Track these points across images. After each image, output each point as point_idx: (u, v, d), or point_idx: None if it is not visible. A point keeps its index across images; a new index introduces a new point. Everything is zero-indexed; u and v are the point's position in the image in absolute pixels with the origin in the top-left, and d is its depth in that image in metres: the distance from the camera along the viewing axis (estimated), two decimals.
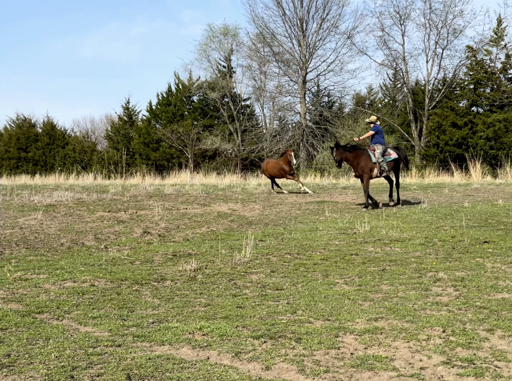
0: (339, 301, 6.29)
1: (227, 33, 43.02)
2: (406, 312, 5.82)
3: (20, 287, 6.87)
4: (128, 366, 4.46)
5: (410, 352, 4.82)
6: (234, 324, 5.47)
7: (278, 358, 4.68)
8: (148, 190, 19.22)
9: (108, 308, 6.11)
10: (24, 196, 16.46)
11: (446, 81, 39.20)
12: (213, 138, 40.66)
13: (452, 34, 38.66)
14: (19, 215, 13.35)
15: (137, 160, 42.37)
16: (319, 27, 40.74)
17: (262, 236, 10.80)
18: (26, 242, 10.61)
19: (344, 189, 19.92)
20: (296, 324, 5.49)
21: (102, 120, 56.63)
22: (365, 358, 4.68)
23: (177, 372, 4.37)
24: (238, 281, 7.33)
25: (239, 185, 22.72)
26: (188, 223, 13.11)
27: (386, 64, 40.98)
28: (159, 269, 7.97)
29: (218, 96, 42.23)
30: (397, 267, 7.90)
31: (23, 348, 4.87)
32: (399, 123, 40.00)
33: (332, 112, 41.75)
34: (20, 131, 48.00)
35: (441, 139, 35.30)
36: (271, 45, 41.61)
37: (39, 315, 5.83)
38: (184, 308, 6.11)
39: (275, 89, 43.04)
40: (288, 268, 8.03)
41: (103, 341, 5.04)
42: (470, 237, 9.90)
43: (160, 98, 44.90)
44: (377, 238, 10.17)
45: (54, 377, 4.25)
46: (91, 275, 7.41)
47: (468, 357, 4.67)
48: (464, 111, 35.89)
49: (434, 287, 6.85)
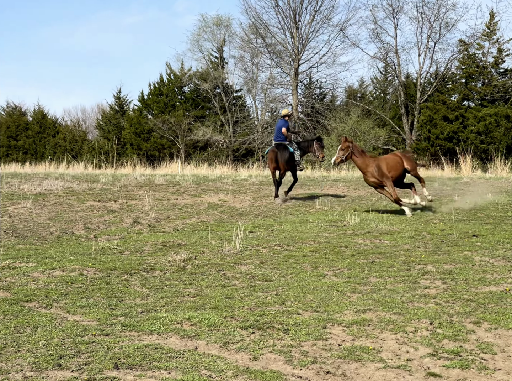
0: (327, 293, 6.31)
1: (220, 24, 42.84)
2: (394, 304, 5.85)
3: (8, 275, 6.85)
4: (116, 355, 4.47)
5: (397, 344, 4.85)
6: (222, 314, 5.49)
7: (266, 349, 4.70)
8: (138, 180, 19.17)
9: (96, 297, 6.10)
10: (13, 184, 16.37)
11: (438, 75, 39.29)
12: (205, 129, 40.56)
13: (445, 28, 38.73)
14: (8, 203, 13.29)
15: (128, 150, 42.23)
16: (312, 19, 40.65)
17: (252, 227, 10.81)
18: (15, 230, 10.56)
19: (335, 182, 19.95)
20: (284, 315, 5.51)
21: (93, 110, 56.40)
22: (352, 349, 4.70)
23: (165, 361, 4.38)
24: (228, 272, 7.34)
25: (230, 176, 22.70)
26: (178, 214, 13.09)
27: (378, 57, 41.02)
28: (149, 259, 7.96)
29: (210, 87, 42.10)
30: (386, 260, 7.93)
31: (11, 336, 4.86)
32: (390, 116, 40.08)
33: (324, 105, 41.72)
34: (10, 119, 47.66)
35: (432, 133, 35.41)
36: (263, 36, 41.48)
37: (27, 303, 5.81)
38: (173, 298, 6.11)
39: (267, 81, 42.96)
40: (277, 260, 8.05)
41: (91, 330, 5.04)
42: (459, 230, 9.96)
43: (152, 88, 44.70)
44: (366, 230, 10.21)
45: (42, 365, 4.25)
46: (80, 264, 7.40)
47: (455, 349, 4.71)
48: (456, 105, 35.99)
49: (423, 279, 6.89)
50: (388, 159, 12.64)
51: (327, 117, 39.82)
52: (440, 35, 38.77)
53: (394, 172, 12.44)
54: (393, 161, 12.59)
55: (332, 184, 18.99)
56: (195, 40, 42.97)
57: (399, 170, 12.55)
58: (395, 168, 12.48)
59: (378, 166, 12.35)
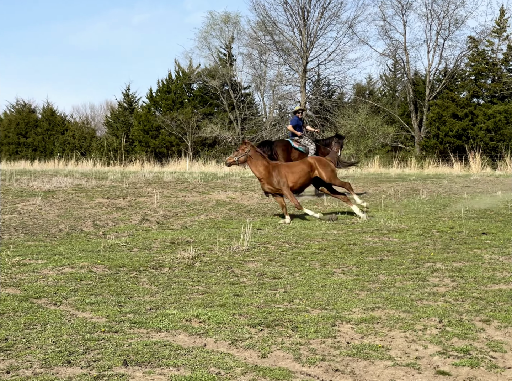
0: (336, 290, 6.30)
1: (228, 21, 42.85)
2: (403, 302, 5.83)
3: (18, 272, 6.88)
4: (125, 352, 4.48)
5: (406, 342, 4.84)
6: (231, 311, 5.49)
7: (275, 346, 4.70)
8: (147, 177, 19.20)
9: (105, 294, 6.12)
10: (23, 181, 16.44)
11: (447, 72, 39.11)
12: (213, 126, 40.59)
13: (454, 25, 38.57)
14: (18, 200, 13.34)
15: (137, 147, 42.32)
16: (321, 16, 40.58)
17: (261, 224, 10.80)
18: (25, 227, 10.61)
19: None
20: (293, 312, 5.51)
21: (102, 107, 56.54)
22: (361, 347, 4.69)
23: (174, 358, 4.39)
24: (236, 269, 7.35)
25: (238, 174, 22.70)
26: (186, 211, 13.11)
27: (387, 54, 40.89)
28: (157, 256, 7.97)
29: (218, 84, 42.11)
30: (395, 257, 7.91)
31: (21, 332, 4.88)
32: (399, 113, 39.95)
33: (332, 102, 41.64)
34: (19, 117, 47.88)
35: (441, 130, 35.27)
36: (272, 33, 41.45)
37: (37, 300, 5.84)
38: (182, 295, 6.12)
39: (275, 78, 42.93)
40: (286, 257, 8.05)
41: (101, 326, 5.05)
42: (469, 228, 9.91)
43: (160, 86, 44.77)
44: (375, 228, 10.18)
45: (51, 362, 4.27)
46: (89, 261, 7.42)
47: (464, 348, 4.69)
48: (465, 102, 35.83)
49: (432, 277, 6.86)
50: (292, 166, 11.92)
51: (335, 115, 39.74)
52: (449, 32, 38.65)
53: (296, 180, 11.63)
54: (298, 168, 11.81)
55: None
56: (203, 37, 43.03)
57: (304, 179, 11.73)
58: (298, 175, 11.69)
59: (277, 173, 11.63)
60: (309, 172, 11.80)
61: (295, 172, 11.75)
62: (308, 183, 12.05)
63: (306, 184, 12.04)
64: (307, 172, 11.78)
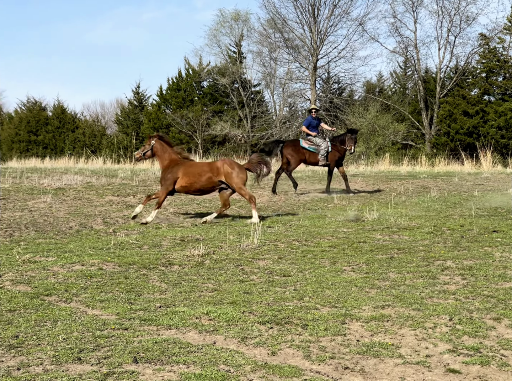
0: (346, 288, 6.29)
1: (238, 19, 42.79)
2: (413, 300, 5.81)
3: (29, 269, 6.92)
4: (135, 349, 4.49)
5: (416, 340, 4.82)
6: (241, 309, 5.49)
7: (284, 344, 4.70)
8: (157, 175, 19.22)
9: (115, 291, 6.14)
10: (33, 179, 16.53)
11: (458, 69, 38.88)
12: (223, 124, 40.59)
13: (465, 22, 38.31)
14: (28, 198, 13.42)
15: None
16: (331, 13, 40.44)
17: (270, 222, 10.80)
18: (35, 224, 10.67)
19: (353, 176, 19.85)
20: (302, 310, 5.51)
21: (112, 105, 56.65)
22: (371, 345, 4.68)
23: (184, 356, 4.40)
24: (246, 267, 7.35)
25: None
26: (196, 208, 13.13)
27: (398, 51, 40.71)
28: (167, 254, 7.99)
29: (228, 82, 42.09)
30: (405, 255, 7.88)
31: (31, 329, 4.91)
32: (409, 111, 39.76)
33: (342, 99, 41.52)
34: (30, 115, 48.08)
35: (452, 128, 35.09)
36: (282, 31, 41.35)
37: (47, 297, 5.87)
38: (191, 293, 6.13)
39: (285, 76, 42.86)
40: (295, 255, 8.04)
41: (111, 324, 5.07)
42: (479, 226, 9.86)
43: (170, 83, 44.80)
44: (385, 225, 10.15)
45: (62, 359, 4.29)
46: (99, 259, 7.45)
47: (475, 346, 4.66)
48: (476, 100, 35.63)
49: (442, 275, 6.83)
50: (195, 167, 11.23)
51: (345, 112, 39.62)
52: (460, 29, 38.40)
53: (192, 181, 11.03)
54: (198, 170, 11.09)
55: (351, 180, 18.88)
56: (213, 35, 42.98)
57: (204, 182, 11.03)
58: (195, 177, 11.02)
59: (173, 170, 11.09)
60: (212, 177, 11.04)
61: (194, 174, 11.05)
62: (211, 188, 11.21)
63: (208, 188, 11.22)
64: (208, 176, 11.02)
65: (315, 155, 15.61)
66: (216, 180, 11.08)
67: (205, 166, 11.29)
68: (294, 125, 41.07)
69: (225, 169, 11.04)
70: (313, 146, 15.58)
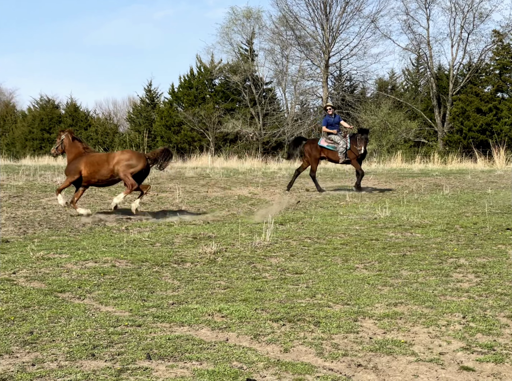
0: (358, 286, 6.28)
1: (250, 16, 42.79)
2: (426, 297, 5.79)
3: (42, 266, 6.97)
4: (148, 345, 4.51)
5: (430, 337, 4.80)
6: (253, 306, 5.50)
7: (297, 341, 4.70)
8: (169, 173, 19.30)
9: (128, 288, 6.17)
10: (47, 177, 16.64)
11: (471, 66, 38.64)
12: (235, 122, 40.61)
13: (478, 18, 38.07)
14: (42, 195, 13.51)
15: (159, 143, 42.49)
16: (343, 11, 40.35)
17: (282, 220, 10.80)
18: (49, 222, 10.74)
19: (365, 174, 19.79)
20: (315, 307, 5.50)
21: (124, 103, 56.93)
22: (384, 343, 4.67)
23: (197, 352, 4.41)
24: (258, 264, 7.36)
25: (260, 169, 22.71)
26: (208, 206, 13.16)
27: (410, 48, 40.54)
28: (179, 251, 8.02)
29: (239, 79, 42.09)
30: (418, 253, 7.86)
31: (46, 326, 4.95)
32: (422, 108, 39.57)
33: (354, 97, 41.40)
34: (43, 113, 48.37)
35: (465, 125, 34.89)
36: (293, 28, 41.32)
37: (61, 294, 5.91)
38: (204, 290, 6.15)
39: (297, 73, 42.80)
40: (307, 252, 8.03)
41: (124, 320, 5.10)
42: (493, 224, 9.80)
43: (182, 81, 44.89)
44: (397, 223, 10.12)
45: (76, 355, 4.32)
46: (112, 256, 7.48)
47: (488, 343, 4.64)
48: (489, 97, 35.39)
49: (455, 273, 6.80)
50: (95, 158, 11.38)
51: (357, 110, 39.51)
52: (473, 26, 38.17)
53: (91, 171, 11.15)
54: (97, 160, 11.27)
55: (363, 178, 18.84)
56: (225, 33, 43.02)
57: (103, 172, 11.15)
58: (94, 166, 11.18)
59: (76, 162, 11.31)
60: (109, 166, 11.11)
61: (93, 164, 11.20)
62: (110, 177, 11.24)
63: (108, 178, 11.28)
64: (106, 167, 11.14)
65: (335, 153, 15.62)
66: (113, 169, 11.16)
67: (104, 156, 11.50)
68: (306, 123, 41.02)
69: (119, 158, 11.13)
70: (332, 144, 15.56)
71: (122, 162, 11.04)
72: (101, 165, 11.16)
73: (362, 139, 15.31)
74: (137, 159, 11.15)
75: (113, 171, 11.11)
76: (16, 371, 4.06)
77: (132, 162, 11.07)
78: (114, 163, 11.06)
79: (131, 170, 11.04)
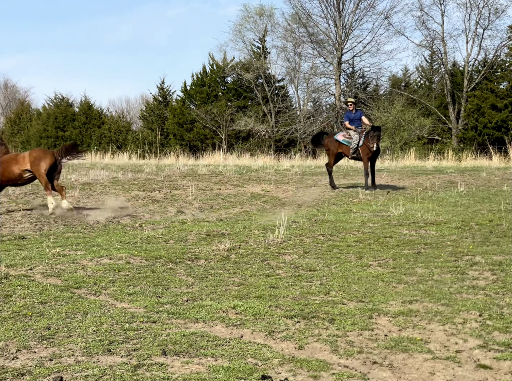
0: (372, 283, 6.26)
1: (263, 14, 42.70)
2: (441, 295, 5.76)
3: (58, 263, 7.01)
4: (164, 341, 4.53)
5: (446, 335, 4.78)
6: (267, 303, 5.50)
7: (311, 338, 4.69)
8: (182, 170, 19.35)
9: (143, 285, 6.20)
10: (61, 174, 16.73)
11: (487, 62, 38.33)
12: (247, 119, 40.59)
13: (494, 14, 37.69)
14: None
15: (171, 140, 42.59)
16: (356, 7, 40.14)
17: (295, 217, 10.78)
18: (64, 219, 10.80)
19: (378, 171, 19.71)
20: (329, 305, 5.50)
21: (137, 100, 57.11)
22: (399, 340, 4.66)
23: (211, 349, 4.42)
24: (271, 261, 7.36)
25: (272, 166, 22.68)
26: (221, 203, 13.17)
27: (424, 45, 40.25)
28: (193, 248, 8.03)
29: (252, 77, 42.04)
30: (433, 250, 7.81)
31: (62, 321, 4.98)
32: (436, 105, 39.30)
33: (367, 94, 41.21)
34: (58, 111, 48.62)
35: (480, 122, 34.62)
36: (306, 25, 41.17)
37: (77, 290, 5.95)
38: (218, 287, 6.16)
39: (310, 71, 42.68)
40: (321, 249, 8.02)
41: (139, 317, 5.12)
42: (509, 221, 9.72)
43: (194, 79, 44.92)
44: (411, 220, 10.07)
45: (93, 350, 4.35)
46: (126, 253, 7.52)
47: (505, 341, 4.61)
48: (505, 93, 35.07)
49: (471, 270, 6.76)
50: (5, 157, 11.40)
51: (370, 107, 39.32)
52: (489, 22, 37.80)
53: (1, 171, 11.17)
54: (7, 159, 11.33)
55: (376, 175, 18.78)
56: (237, 30, 42.96)
57: (11, 173, 11.24)
58: (4, 165, 11.20)
59: None
60: (16, 166, 11.20)
61: (3, 163, 11.23)
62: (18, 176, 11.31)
63: (17, 177, 11.33)
64: (13, 167, 11.22)
65: (349, 148, 15.55)
66: (23, 169, 11.23)
67: (13, 156, 11.61)
68: (318, 120, 40.91)
69: (30, 158, 11.21)
70: (347, 139, 15.50)
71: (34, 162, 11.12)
72: (11, 166, 11.26)
73: (374, 136, 15.16)
74: (47, 159, 11.29)
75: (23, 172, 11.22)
76: (34, 366, 4.09)
77: (44, 162, 11.20)
78: (26, 165, 11.18)
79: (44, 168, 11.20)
